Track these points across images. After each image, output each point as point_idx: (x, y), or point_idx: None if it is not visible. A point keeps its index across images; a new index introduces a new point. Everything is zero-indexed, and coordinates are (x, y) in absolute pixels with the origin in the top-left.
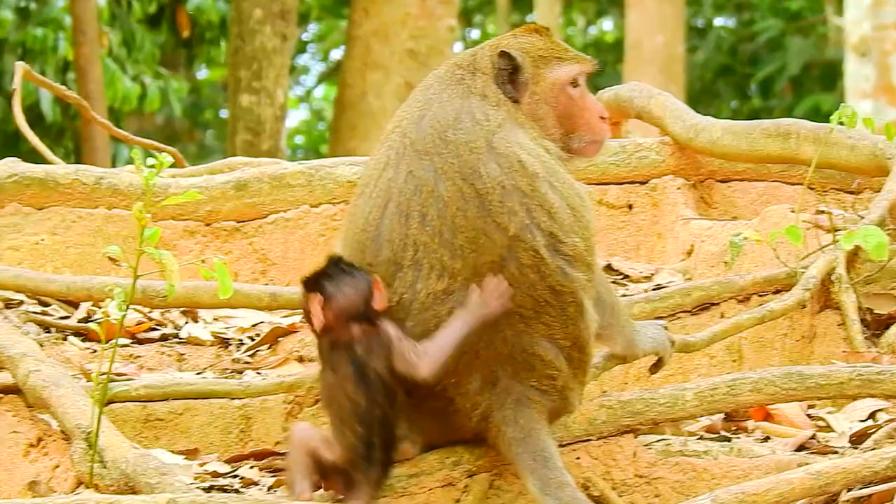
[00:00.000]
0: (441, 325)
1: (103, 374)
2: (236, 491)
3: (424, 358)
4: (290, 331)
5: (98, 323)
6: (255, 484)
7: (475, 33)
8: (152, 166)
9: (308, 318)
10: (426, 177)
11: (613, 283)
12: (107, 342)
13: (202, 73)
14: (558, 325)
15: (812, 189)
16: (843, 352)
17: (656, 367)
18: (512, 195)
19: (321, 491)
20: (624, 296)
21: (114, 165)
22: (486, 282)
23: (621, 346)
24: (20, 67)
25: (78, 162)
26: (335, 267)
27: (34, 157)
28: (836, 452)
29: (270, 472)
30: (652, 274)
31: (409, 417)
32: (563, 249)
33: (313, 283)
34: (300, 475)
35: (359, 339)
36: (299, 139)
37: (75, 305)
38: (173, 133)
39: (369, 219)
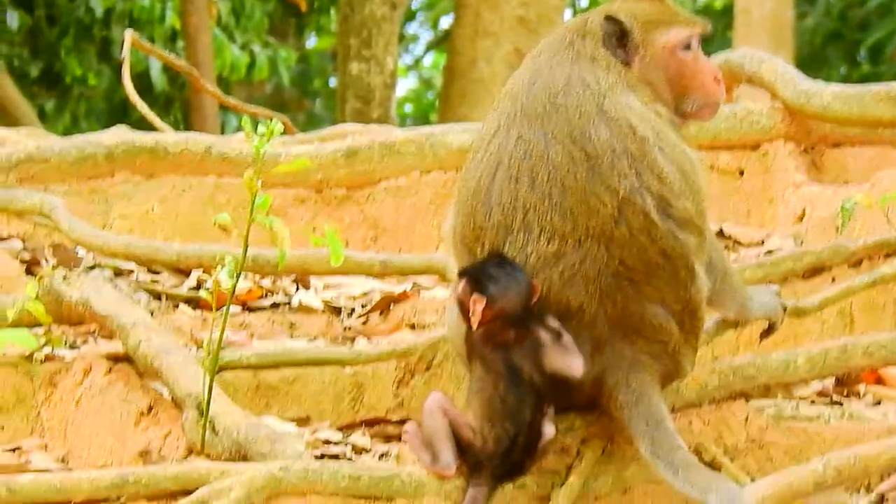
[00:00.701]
0: (553, 288)
1: (214, 342)
2: (348, 458)
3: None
4: (401, 298)
5: (209, 291)
6: (367, 451)
7: (584, 1)
8: (262, 134)
9: (464, 311)
10: (536, 140)
11: (725, 248)
12: (217, 310)
13: (311, 42)
14: (669, 289)
15: None
16: None
17: (768, 332)
18: (621, 159)
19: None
20: (735, 261)
21: (223, 134)
22: None
23: (733, 311)
24: (129, 36)
25: (187, 130)
26: (499, 267)
27: (143, 125)
28: None
29: (382, 439)
30: (763, 239)
31: None
32: (674, 213)
33: (477, 283)
34: (446, 448)
35: (514, 342)
36: (408, 108)
37: (186, 274)
38: (282, 102)
39: (480, 183)
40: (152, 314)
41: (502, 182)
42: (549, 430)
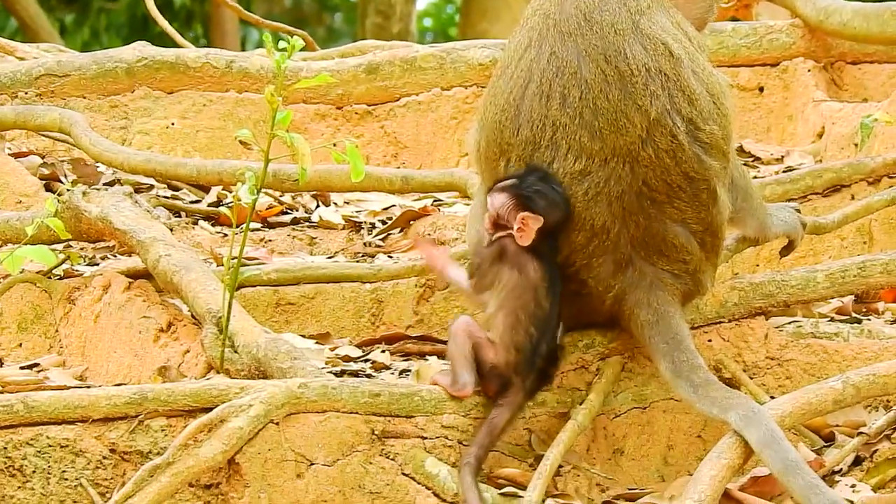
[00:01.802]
0: (576, 206)
1: (234, 258)
2: (368, 375)
3: None
4: (421, 214)
5: (229, 207)
6: (387, 368)
7: None
8: (284, 49)
9: (500, 226)
10: (569, 58)
11: (744, 164)
12: (238, 226)
13: None
14: (690, 210)
15: None
16: None
17: (787, 249)
18: (655, 79)
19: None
20: (755, 178)
21: (243, 49)
22: None
23: (753, 229)
24: None
25: (207, 46)
26: (543, 182)
27: (163, 40)
28: None
29: (402, 356)
30: (783, 156)
31: None
32: (701, 137)
33: (526, 199)
34: (465, 369)
35: (552, 250)
36: (427, 22)
37: (206, 190)
38: (301, 16)
39: (510, 99)
40: (172, 230)
41: (532, 99)
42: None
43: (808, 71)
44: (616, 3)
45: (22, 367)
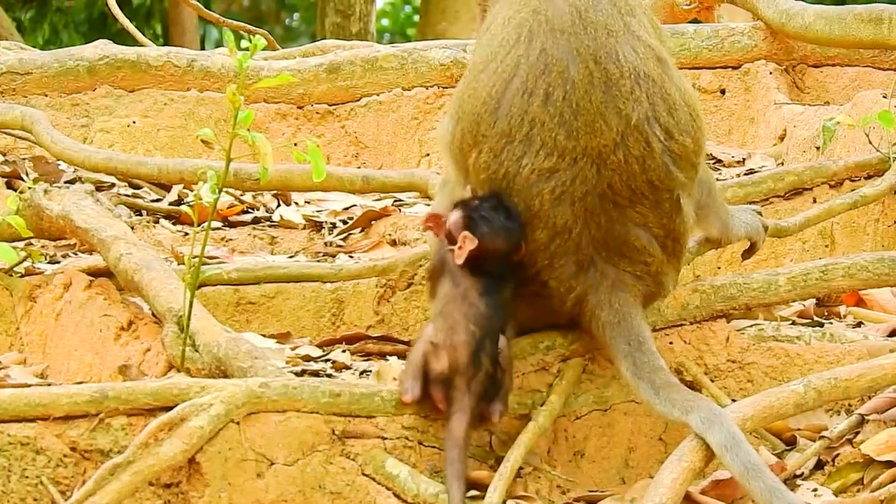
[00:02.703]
0: (543, 205)
1: (195, 257)
2: (328, 375)
3: None
4: (382, 214)
5: (190, 206)
6: (348, 368)
7: None
8: (245, 49)
9: (451, 240)
10: (559, 56)
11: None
12: (199, 225)
13: None
14: (652, 215)
15: None
16: None
17: (749, 252)
18: (642, 84)
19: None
20: (717, 180)
21: (202, 47)
22: None
23: (716, 229)
24: None
25: (166, 44)
26: (496, 210)
27: (123, 38)
28: None
29: (362, 355)
30: (744, 158)
31: None
32: (673, 147)
33: (471, 220)
34: (411, 376)
35: (494, 269)
36: (385, 22)
37: (167, 188)
38: (260, 15)
39: (491, 93)
40: (133, 229)
41: (514, 94)
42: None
43: (770, 73)
44: (606, 2)
45: None
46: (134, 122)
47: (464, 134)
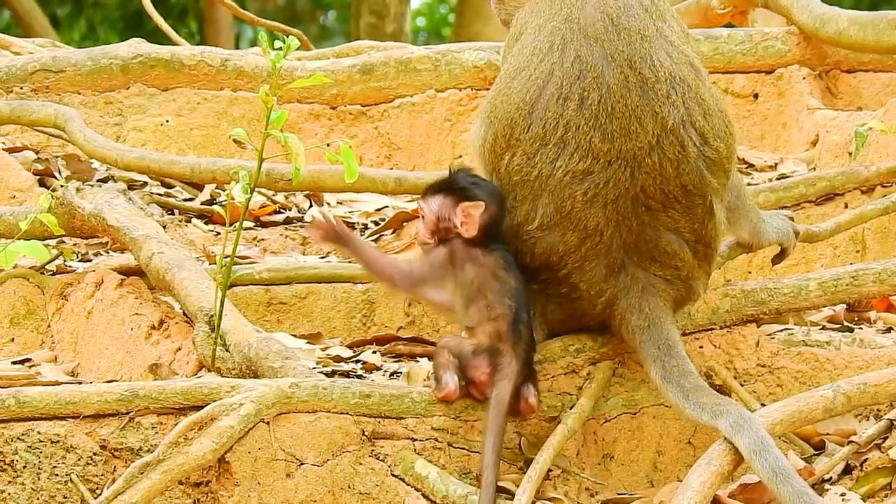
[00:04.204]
0: (575, 206)
1: (227, 256)
2: (359, 376)
3: None
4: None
5: (222, 205)
6: (378, 369)
7: None
8: (279, 49)
9: (442, 228)
10: (594, 62)
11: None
12: (230, 225)
13: None
14: (684, 220)
15: None
16: None
17: (780, 257)
18: (678, 88)
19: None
20: (749, 185)
21: (237, 46)
22: None
23: (747, 233)
24: None
25: (201, 42)
26: (472, 177)
27: (157, 37)
28: None
29: (393, 357)
30: (776, 163)
31: (532, 305)
32: (708, 153)
33: (461, 192)
34: (447, 371)
35: (497, 240)
36: (420, 21)
37: (199, 188)
38: (294, 14)
39: (525, 98)
40: (165, 228)
41: (549, 99)
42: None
43: (804, 78)
44: (638, 7)
45: (14, 363)
46: (167, 121)
47: (496, 137)
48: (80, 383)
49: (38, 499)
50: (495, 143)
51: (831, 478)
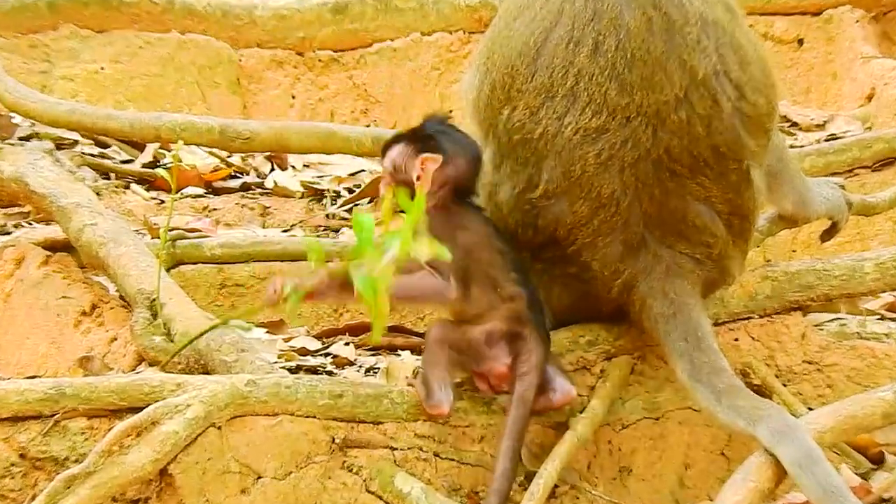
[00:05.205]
0: (586, 171)
1: (172, 229)
2: (328, 372)
3: None
4: None
5: (167, 168)
6: (351, 364)
7: None
8: None
9: (401, 181)
10: (611, 1)
11: (780, 131)
12: (178, 191)
13: None
14: (716, 189)
15: None
16: None
17: (829, 232)
18: (710, 32)
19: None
20: (792, 147)
21: None
22: None
23: (791, 203)
24: None
25: None
26: (444, 126)
27: None
28: None
29: (369, 350)
30: (825, 122)
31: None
32: (744, 108)
33: (423, 141)
34: (441, 382)
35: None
36: None
37: (140, 148)
38: None
39: (528, 42)
40: (99, 195)
41: (557, 44)
42: None
43: (856, 22)
44: None
45: None
46: (102, 69)
47: (494, 88)
48: None
49: None
50: (492, 96)
51: (892, 497)
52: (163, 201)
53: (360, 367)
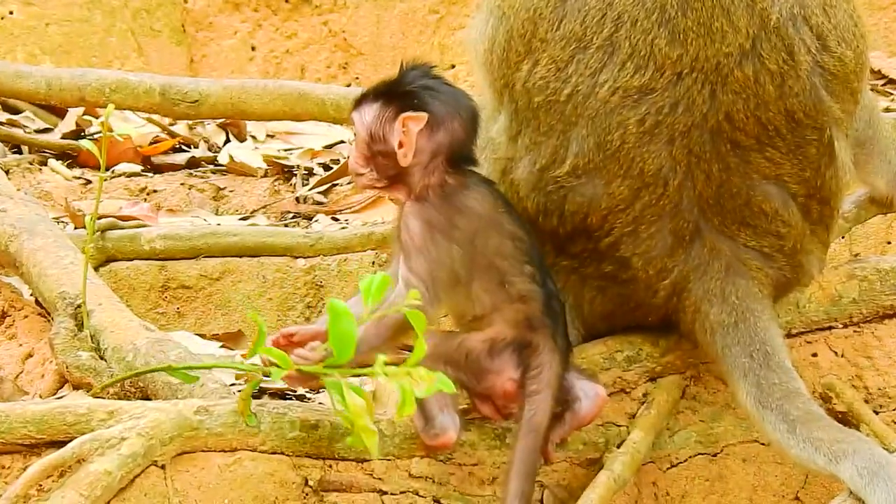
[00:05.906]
0: (626, 142)
1: (101, 216)
2: (299, 397)
3: None
4: None
5: (94, 140)
6: None
7: None
8: None
9: (377, 152)
10: None
11: (871, 90)
12: (108, 169)
13: None
14: (790, 165)
15: None
16: None
17: None
18: None
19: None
20: (887, 111)
21: None
22: None
23: (885, 182)
24: None
25: None
26: (432, 79)
27: None
28: None
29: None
30: None
31: (561, 292)
32: (827, 63)
33: (404, 98)
34: (441, 407)
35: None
36: None
37: (60, 113)
38: None
39: None
40: (8, 173)
41: None
42: None
43: None
44: None
45: None
46: (11, 13)
47: (511, 38)
48: None
49: None
50: (509, 47)
51: None
52: (89, 181)
53: None
